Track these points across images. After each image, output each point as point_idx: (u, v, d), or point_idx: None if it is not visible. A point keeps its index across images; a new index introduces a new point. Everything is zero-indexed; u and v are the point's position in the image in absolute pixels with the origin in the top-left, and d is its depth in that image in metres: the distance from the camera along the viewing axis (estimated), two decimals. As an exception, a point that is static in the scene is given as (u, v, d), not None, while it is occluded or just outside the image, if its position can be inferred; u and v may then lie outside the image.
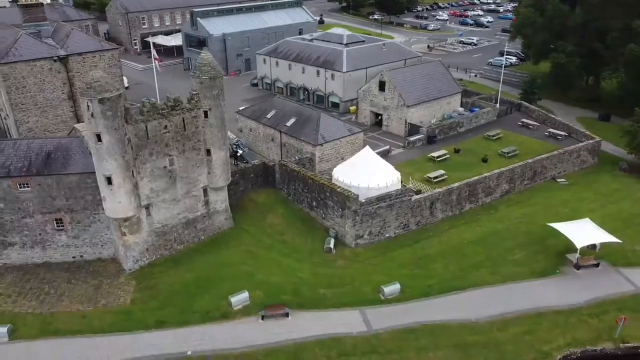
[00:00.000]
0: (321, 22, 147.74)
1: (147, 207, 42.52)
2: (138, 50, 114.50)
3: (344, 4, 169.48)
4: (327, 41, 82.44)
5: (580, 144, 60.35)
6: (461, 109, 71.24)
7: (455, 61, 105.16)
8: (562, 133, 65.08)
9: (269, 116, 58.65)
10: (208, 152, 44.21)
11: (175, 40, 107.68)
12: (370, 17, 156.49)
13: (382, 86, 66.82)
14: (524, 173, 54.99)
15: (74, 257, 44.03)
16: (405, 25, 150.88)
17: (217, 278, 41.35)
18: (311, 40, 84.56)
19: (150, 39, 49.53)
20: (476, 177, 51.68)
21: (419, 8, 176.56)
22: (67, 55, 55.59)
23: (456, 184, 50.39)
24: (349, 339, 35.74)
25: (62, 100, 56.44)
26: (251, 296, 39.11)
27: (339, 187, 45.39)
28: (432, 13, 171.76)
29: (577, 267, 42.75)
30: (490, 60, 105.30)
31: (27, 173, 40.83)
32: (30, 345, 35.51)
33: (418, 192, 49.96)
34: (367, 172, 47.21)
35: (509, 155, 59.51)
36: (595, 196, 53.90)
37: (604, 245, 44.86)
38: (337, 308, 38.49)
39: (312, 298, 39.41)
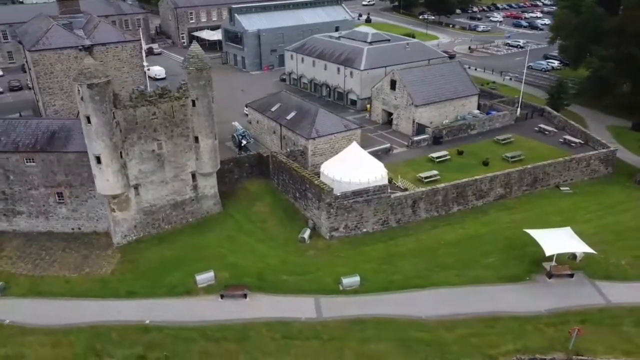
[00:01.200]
0: (368, 20, 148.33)
1: (136, 187, 45.89)
2: (185, 44, 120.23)
3: (395, 3, 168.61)
4: (353, 39, 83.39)
5: (591, 153, 57.88)
6: (477, 112, 70.02)
7: (494, 63, 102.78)
8: (577, 140, 62.55)
9: (273, 109, 60.79)
10: (196, 139, 46.94)
11: (218, 35, 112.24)
12: (420, 17, 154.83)
13: (393, 85, 67.15)
14: (522, 178, 53.68)
15: (72, 229, 48.28)
16: (454, 26, 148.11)
17: (192, 258, 44.00)
18: (338, 38, 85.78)
19: (142, 42, 52.48)
20: (465, 179, 51.18)
21: (475, 9, 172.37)
22: (92, 45, 60.42)
23: (442, 185, 50.24)
24: (297, 324, 37.17)
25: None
26: (217, 276, 41.40)
27: (317, 179, 46.73)
28: (487, 14, 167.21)
29: (549, 275, 41.65)
30: (531, 64, 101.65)
31: (32, 149, 45.35)
32: (16, 302, 39.74)
33: (405, 190, 50.28)
34: (352, 168, 48.21)
35: (513, 159, 58.14)
36: (596, 207, 51.77)
37: (587, 256, 43.39)
38: (295, 294, 39.95)
39: (273, 283, 41.12)
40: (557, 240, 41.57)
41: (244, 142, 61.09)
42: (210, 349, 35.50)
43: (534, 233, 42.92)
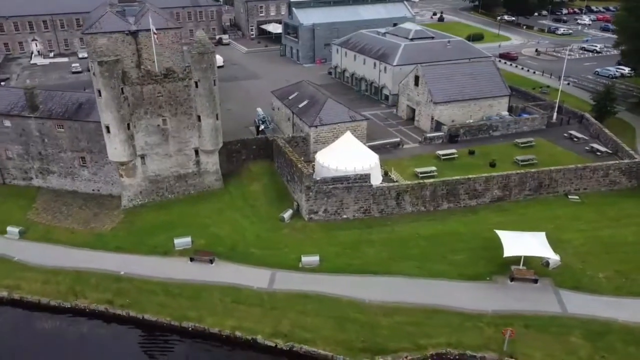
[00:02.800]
0: (441, 19, 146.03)
1: (142, 157, 51.22)
2: (253, 36, 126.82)
3: (476, 3, 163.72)
4: (396, 35, 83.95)
5: (609, 162, 54.34)
6: (505, 113, 67.89)
7: (557, 67, 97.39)
8: (604, 149, 58.79)
9: (290, 97, 63.78)
10: (199, 118, 51.27)
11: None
12: (499, 18, 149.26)
13: (416, 81, 67.23)
14: (523, 182, 51.99)
15: (92, 190, 54.88)
16: (533, 27, 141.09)
17: (180, 224, 48.47)
18: (384, 34, 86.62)
19: (151, 25, 57.56)
20: (457, 177, 50.77)
21: (564, 11, 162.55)
22: (137, 31, 67.14)
23: (430, 180, 50.28)
24: (247, 291, 40.09)
25: (130, 68, 68.22)
26: (194, 243, 45.49)
27: (301, 163, 49.01)
28: (575, 17, 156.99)
29: (511, 278, 40.72)
30: (597, 69, 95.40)
31: (62, 117, 52.29)
32: (28, 244, 46.63)
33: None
34: (344, 156, 49.98)
35: (523, 163, 56.20)
36: (597, 218, 48.96)
37: (563, 265, 41.87)
38: (256, 266, 42.83)
39: (242, 254, 44.33)
40: (523, 244, 40.56)
41: (262, 126, 64.74)
42: (167, 302, 39.58)
43: (503, 234, 42.12)
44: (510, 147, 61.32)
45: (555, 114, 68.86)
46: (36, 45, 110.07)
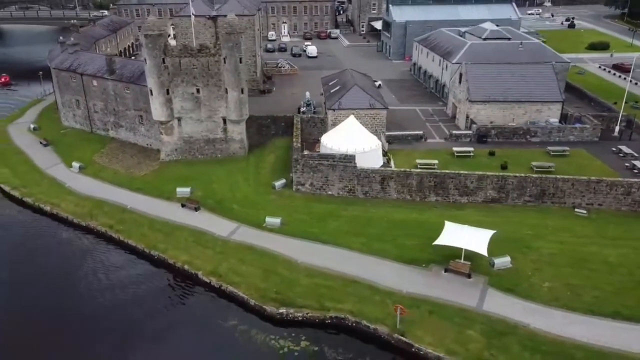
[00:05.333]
0: (571, 26, 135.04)
1: (179, 119, 60.35)
2: (363, 32, 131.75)
3: (624, 10, 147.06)
4: (471, 34, 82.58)
5: (633, 180, 48.98)
6: (555, 120, 63.57)
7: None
8: (644, 167, 52.80)
9: (330, 84, 68.09)
10: (226, 90, 58.73)
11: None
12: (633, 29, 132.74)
13: (460, 78, 66.57)
14: (522, 187, 49.88)
15: (147, 144, 65.90)
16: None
17: (194, 178, 56.46)
18: (463, 33, 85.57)
19: (191, 8, 65.69)
20: (447, 171, 50.75)
21: None
22: (216, 16, 77.12)
23: (417, 170, 51.10)
24: (209, 236, 46.46)
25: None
26: (193, 193, 53.13)
27: (298, 139, 53.57)
28: None
29: (446, 269, 40.74)
30: None
31: (127, 81, 63.90)
32: (81, 176, 58.77)
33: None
34: (345, 139, 53.56)
35: (538, 169, 53.25)
36: (592, 234, 45.23)
37: (510, 268, 40.76)
38: (229, 219, 48.90)
39: (224, 208, 50.78)
40: (460, 237, 40.37)
41: (303, 108, 70.22)
42: (148, 233, 47.82)
43: (449, 225, 42.16)
44: (541, 154, 57.93)
45: (617, 127, 62.60)
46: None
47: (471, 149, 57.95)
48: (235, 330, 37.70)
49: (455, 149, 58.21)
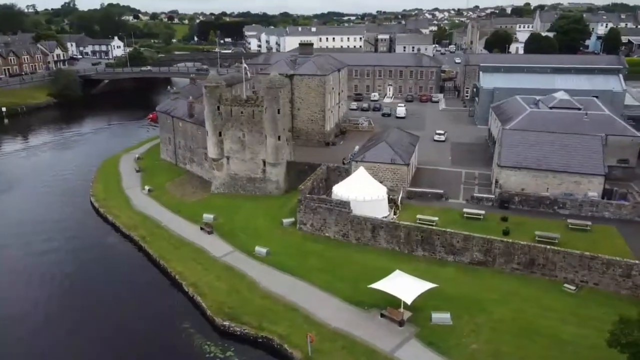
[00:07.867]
0: None
1: (227, 158, 70.33)
2: (467, 97, 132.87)
3: None
4: (543, 102, 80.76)
5: (633, 262, 44.55)
6: (594, 194, 59.39)
7: None
8: (664, 252, 47.32)
9: (373, 140, 72.75)
10: (266, 137, 67.33)
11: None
12: None
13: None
14: (510, 253, 48.58)
15: (208, 178, 77.01)
16: None
17: (226, 209, 65.05)
18: (537, 102, 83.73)
19: (244, 66, 75.01)
20: (433, 227, 51.70)
21: None
22: (292, 75, 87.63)
23: (404, 222, 52.88)
24: (206, 255, 54.04)
25: (285, 101, 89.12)
26: (216, 220, 61.60)
27: (305, 183, 59.13)
28: None
29: (381, 315, 42.18)
30: None
31: (200, 123, 76.30)
32: (146, 197, 71.35)
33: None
34: (355, 188, 57.96)
35: (540, 239, 51.04)
36: (562, 309, 42.50)
37: (448, 326, 40.90)
38: (230, 244, 55.98)
39: (233, 235, 58.05)
40: (396, 284, 41.82)
41: (348, 160, 75.58)
42: (163, 245, 57.12)
43: (397, 273, 43.64)
44: (560, 226, 54.77)
45: (668, 209, 56.40)
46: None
47: (482, 212, 57.39)
48: (184, 331, 43.80)
49: (465, 210, 58.15)
